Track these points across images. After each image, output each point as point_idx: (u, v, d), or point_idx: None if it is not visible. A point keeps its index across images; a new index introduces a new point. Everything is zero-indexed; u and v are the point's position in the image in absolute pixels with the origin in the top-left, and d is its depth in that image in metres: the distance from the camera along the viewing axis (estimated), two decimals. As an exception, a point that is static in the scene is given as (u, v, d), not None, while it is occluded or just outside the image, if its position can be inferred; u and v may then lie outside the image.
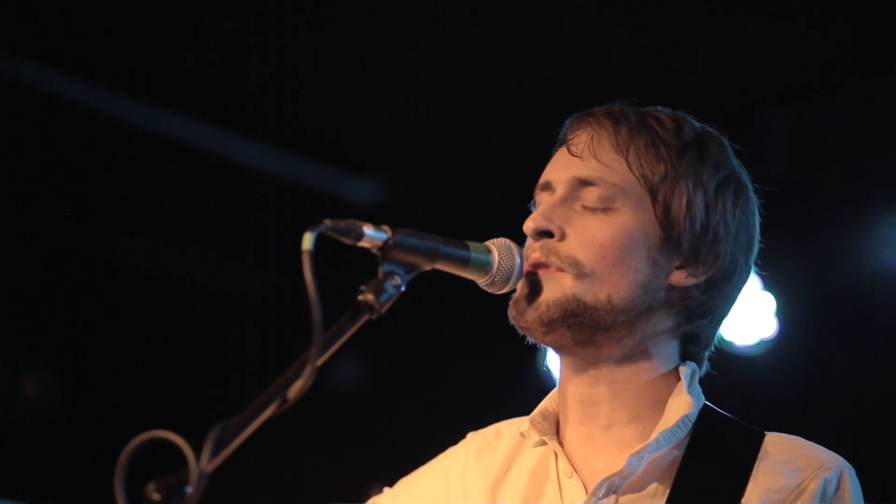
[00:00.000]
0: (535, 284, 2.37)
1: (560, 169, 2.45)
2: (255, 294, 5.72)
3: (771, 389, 4.96)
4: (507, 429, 2.59)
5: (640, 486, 2.36)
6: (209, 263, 5.68)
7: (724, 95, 4.89)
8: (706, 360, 2.50)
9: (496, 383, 5.33)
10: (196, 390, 5.36)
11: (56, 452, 5.40)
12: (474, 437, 2.61)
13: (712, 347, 2.51)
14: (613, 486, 2.35)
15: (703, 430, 2.39)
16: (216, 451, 1.86)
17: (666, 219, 2.39)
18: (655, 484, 2.36)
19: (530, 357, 5.32)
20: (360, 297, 2.08)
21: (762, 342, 5.03)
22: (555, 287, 2.36)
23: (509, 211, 2.67)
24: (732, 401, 2.49)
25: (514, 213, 2.60)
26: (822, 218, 4.97)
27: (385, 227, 2.16)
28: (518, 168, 3.08)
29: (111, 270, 5.47)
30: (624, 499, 2.35)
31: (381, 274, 2.13)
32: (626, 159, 2.41)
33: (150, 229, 5.48)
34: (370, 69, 5.10)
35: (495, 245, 2.35)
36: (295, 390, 1.93)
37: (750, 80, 5.01)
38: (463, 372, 5.59)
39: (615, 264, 2.36)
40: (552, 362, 5.29)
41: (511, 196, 2.76)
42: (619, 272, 2.36)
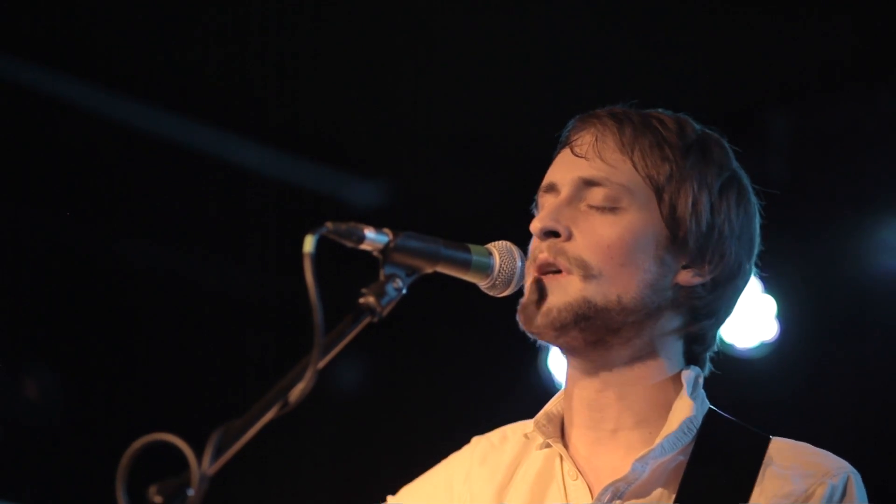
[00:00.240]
0: (543, 290, 2.37)
1: (564, 170, 2.45)
2: (256, 297, 5.72)
3: (772, 392, 4.96)
4: (512, 432, 2.58)
5: (645, 492, 2.36)
6: (211, 266, 5.68)
7: (725, 97, 4.89)
8: (709, 361, 2.50)
9: (498, 386, 5.33)
10: (198, 393, 5.36)
11: (58, 455, 5.40)
12: (479, 442, 2.61)
13: (715, 347, 2.51)
14: (618, 491, 2.35)
15: (708, 435, 2.39)
16: (218, 453, 1.86)
17: (672, 218, 2.39)
18: (660, 489, 2.36)
19: (532, 360, 5.33)
20: (361, 300, 2.08)
21: (763, 345, 5.03)
22: (563, 291, 2.36)
23: (511, 214, 2.67)
24: (733, 403, 2.49)
25: (515, 215, 2.60)
26: (823, 220, 4.97)
27: (386, 230, 2.16)
28: (519, 171, 3.09)
29: (113, 272, 5.47)
30: None
31: (382, 277, 2.12)
32: (632, 159, 2.41)
33: (152, 231, 5.48)
34: (372, 71, 5.10)
35: (496, 248, 2.34)
36: (296, 393, 1.93)
37: (751, 82, 5.00)
38: (464, 375, 5.59)
39: (623, 264, 2.36)
40: (554, 365, 5.30)
41: (512, 199, 2.76)
42: (627, 272, 2.36)
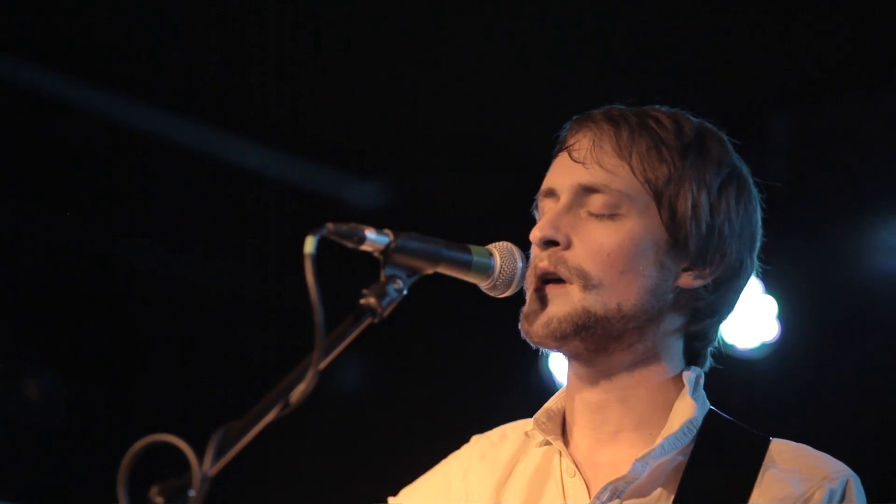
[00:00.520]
0: (544, 300, 2.37)
1: (563, 176, 2.44)
2: (257, 297, 5.72)
3: (772, 393, 4.96)
4: (511, 430, 2.59)
5: (644, 492, 2.36)
6: (212, 267, 5.68)
7: (725, 98, 4.88)
8: (710, 357, 2.50)
9: (498, 387, 5.33)
10: (199, 394, 5.36)
11: (59, 456, 5.40)
12: (479, 440, 2.61)
13: (716, 343, 2.51)
14: (617, 490, 2.36)
15: (709, 435, 2.39)
16: (219, 454, 1.86)
17: (672, 222, 2.39)
18: (660, 489, 2.36)
19: (533, 361, 5.33)
20: (362, 301, 2.08)
21: (764, 345, 5.03)
22: (564, 302, 2.36)
23: (511, 215, 2.68)
24: (734, 404, 2.49)
25: (516, 216, 2.60)
26: (824, 221, 4.97)
27: (387, 231, 2.16)
28: (520, 172, 3.09)
29: (114, 273, 5.47)
30: (628, 503, 2.35)
31: (383, 277, 2.13)
32: (630, 164, 2.41)
33: (153, 232, 5.48)
34: (373, 72, 5.10)
35: (497, 249, 2.34)
36: (297, 394, 1.93)
37: (751, 83, 5.00)
38: (465, 375, 5.59)
39: (623, 272, 2.36)
40: (554, 366, 5.30)
41: (513, 200, 2.76)
42: (627, 279, 2.36)
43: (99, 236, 5.41)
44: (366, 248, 2.14)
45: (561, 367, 5.23)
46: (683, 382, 2.42)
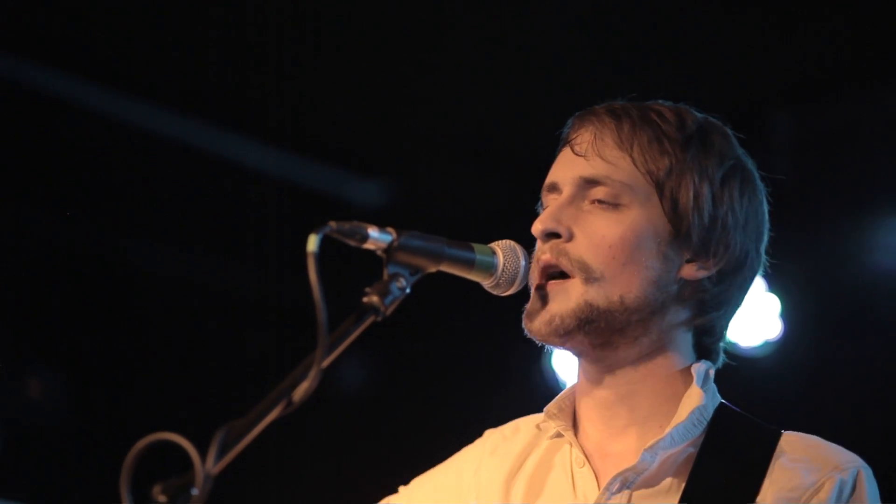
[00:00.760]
0: (546, 297, 2.37)
1: (565, 169, 2.44)
2: (259, 296, 5.72)
3: (775, 391, 4.95)
4: (524, 424, 2.58)
5: (654, 482, 2.35)
6: (214, 265, 5.68)
7: (728, 97, 4.88)
8: (721, 353, 2.49)
9: (503, 385, 5.33)
10: (201, 392, 5.36)
11: (61, 454, 5.41)
12: (491, 434, 2.61)
13: (726, 338, 2.50)
14: (627, 481, 2.35)
15: (719, 427, 2.38)
16: (222, 453, 1.86)
17: (674, 213, 2.39)
18: (670, 480, 2.35)
19: (537, 359, 5.33)
20: (364, 299, 2.08)
21: (767, 343, 5.03)
22: (566, 297, 2.36)
23: (514, 213, 2.67)
24: (737, 402, 2.49)
25: (519, 214, 2.60)
26: (828, 219, 4.97)
27: (390, 229, 2.16)
28: (523, 170, 3.08)
29: (116, 272, 5.48)
30: (638, 494, 2.35)
31: (385, 276, 2.13)
32: (631, 156, 2.40)
33: (155, 231, 5.48)
34: (375, 70, 5.10)
35: (500, 247, 2.34)
36: (300, 392, 1.94)
37: (754, 82, 5.00)
38: (467, 374, 5.59)
39: (625, 263, 2.35)
40: (558, 364, 5.30)
41: (516, 198, 2.76)
42: (629, 271, 2.36)
43: (99, 235, 5.41)
44: (368, 246, 2.14)
45: (564, 365, 5.24)
46: (692, 375, 2.41)
